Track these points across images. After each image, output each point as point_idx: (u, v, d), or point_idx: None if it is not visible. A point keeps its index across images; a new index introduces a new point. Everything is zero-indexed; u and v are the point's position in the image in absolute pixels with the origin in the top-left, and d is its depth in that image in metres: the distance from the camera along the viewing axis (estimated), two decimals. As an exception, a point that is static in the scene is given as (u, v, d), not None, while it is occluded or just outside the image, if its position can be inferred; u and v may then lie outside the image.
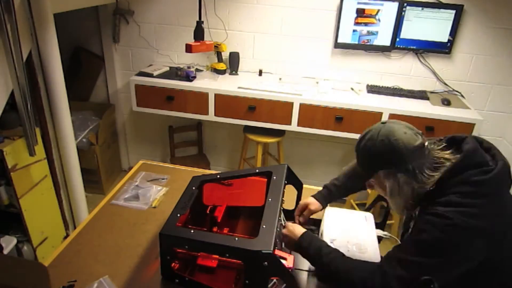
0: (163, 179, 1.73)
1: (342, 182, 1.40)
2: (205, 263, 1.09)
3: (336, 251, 1.09)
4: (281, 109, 2.50)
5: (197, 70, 2.83)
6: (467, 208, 0.92)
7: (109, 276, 1.17)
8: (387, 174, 1.04)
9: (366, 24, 2.58)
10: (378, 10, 2.53)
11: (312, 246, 1.11)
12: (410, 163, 0.99)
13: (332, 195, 1.40)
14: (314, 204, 1.37)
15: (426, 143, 1.03)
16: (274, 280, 1.08)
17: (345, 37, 2.63)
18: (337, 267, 1.05)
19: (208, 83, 2.59)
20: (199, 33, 2.30)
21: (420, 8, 2.48)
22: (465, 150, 1.00)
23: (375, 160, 1.04)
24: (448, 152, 1.04)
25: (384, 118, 2.40)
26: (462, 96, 2.68)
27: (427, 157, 1.01)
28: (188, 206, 1.18)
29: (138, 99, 2.68)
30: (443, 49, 2.57)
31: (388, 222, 2.68)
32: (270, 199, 1.17)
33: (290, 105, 2.47)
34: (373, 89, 2.63)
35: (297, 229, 1.17)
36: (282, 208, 1.21)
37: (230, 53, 2.78)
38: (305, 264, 1.25)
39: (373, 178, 1.09)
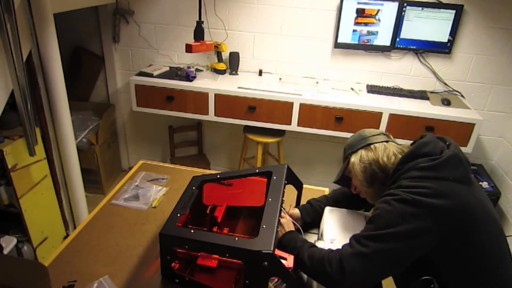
0: (163, 179, 1.73)
1: (323, 198, 1.47)
2: (205, 263, 1.08)
3: (306, 242, 1.16)
4: (281, 109, 2.50)
5: (197, 70, 2.83)
6: (414, 189, 1.00)
7: (109, 276, 1.17)
8: (354, 155, 1.20)
9: (366, 24, 2.58)
10: (378, 10, 2.53)
11: (290, 242, 1.19)
12: (369, 141, 1.19)
13: (313, 208, 1.43)
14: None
15: (392, 139, 1.22)
16: (274, 280, 1.08)
17: (345, 37, 2.63)
18: (303, 255, 1.11)
19: (208, 83, 2.59)
20: (199, 33, 2.30)
21: (420, 8, 2.48)
22: (418, 142, 1.12)
23: (347, 148, 1.25)
24: (406, 147, 1.19)
25: (384, 118, 2.40)
26: (462, 96, 2.68)
27: (388, 142, 1.19)
28: (188, 206, 1.18)
29: (138, 99, 2.68)
30: (443, 49, 2.57)
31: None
32: (270, 199, 1.17)
33: (290, 105, 2.47)
34: (373, 89, 2.63)
35: (287, 226, 1.27)
36: (282, 208, 1.21)
37: (230, 53, 2.78)
38: (305, 264, 1.25)
39: (348, 168, 1.23)
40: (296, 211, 1.40)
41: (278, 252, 1.06)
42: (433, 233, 0.98)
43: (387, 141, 1.19)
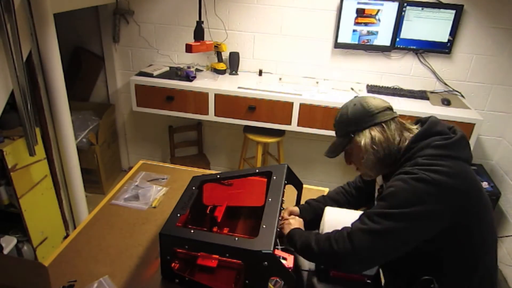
0: (163, 179, 1.73)
1: (321, 198, 1.45)
2: (205, 263, 1.09)
3: (313, 232, 1.17)
4: (281, 109, 2.50)
5: (197, 70, 2.83)
6: (431, 167, 0.99)
7: (109, 276, 1.17)
8: (360, 133, 1.12)
9: (366, 24, 2.58)
10: (378, 10, 2.53)
11: (297, 233, 1.19)
12: (379, 119, 1.11)
13: (311, 207, 1.41)
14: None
15: (395, 112, 1.15)
16: (275, 280, 1.08)
17: (345, 37, 2.63)
18: (310, 241, 1.11)
19: (208, 83, 2.59)
20: (199, 33, 2.30)
21: (420, 8, 2.48)
22: (429, 121, 1.11)
23: (350, 123, 1.14)
24: (414, 126, 1.15)
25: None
26: (462, 96, 2.68)
27: (395, 119, 1.13)
28: (188, 206, 1.19)
29: (138, 99, 2.68)
30: (443, 49, 2.57)
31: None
32: (270, 199, 1.17)
33: (290, 105, 2.47)
34: (373, 89, 2.63)
35: (297, 224, 1.26)
36: (282, 208, 1.21)
37: (230, 53, 2.78)
38: (305, 264, 1.25)
39: (350, 144, 1.15)
40: (296, 209, 1.39)
41: (278, 252, 1.06)
42: (445, 214, 0.99)
43: (393, 118, 1.13)
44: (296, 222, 1.27)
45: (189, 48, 2.23)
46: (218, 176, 1.36)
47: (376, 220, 1.00)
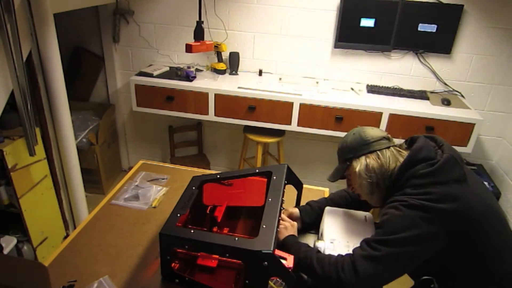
0: (163, 179, 1.73)
1: (323, 200, 1.46)
2: (205, 263, 1.08)
3: (311, 248, 1.19)
4: (281, 109, 2.50)
5: (197, 70, 2.83)
6: (419, 196, 1.04)
7: (109, 276, 1.17)
8: (357, 160, 1.18)
9: (366, 24, 2.58)
10: (378, 10, 2.53)
11: (293, 245, 1.20)
12: (374, 148, 1.16)
13: (313, 210, 1.42)
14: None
15: (392, 141, 1.20)
16: (275, 279, 1.08)
17: (345, 37, 2.63)
18: (312, 260, 1.13)
19: (208, 83, 2.59)
20: (199, 33, 2.30)
21: (420, 8, 2.48)
22: (412, 149, 1.15)
23: (347, 150, 1.21)
24: (405, 152, 1.19)
25: (384, 118, 2.41)
26: (462, 96, 2.68)
27: (391, 148, 1.17)
28: (188, 206, 1.18)
29: (138, 99, 2.68)
30: (443, 49, 2.57)
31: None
32: (270, 199, 1.17)
33: (290, 105, 2.47)
34: (373, 89, 2.63)
35: (291, 229, 1.28)
36: (282, 208, 1.21)
37: (230, 53, 2.78)
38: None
39: (348, 170, 1.22)
40: (296, 211, 1.40)
41: (278, 252, 1.06)
42: (441, 236, 1.02)
43: (388, 147, 1.17)
44: (291, 228, 1.28)
45: (189, 48, 2.23)
46: (218, 176, 1.36)
47: (375, 247, 1.04)
